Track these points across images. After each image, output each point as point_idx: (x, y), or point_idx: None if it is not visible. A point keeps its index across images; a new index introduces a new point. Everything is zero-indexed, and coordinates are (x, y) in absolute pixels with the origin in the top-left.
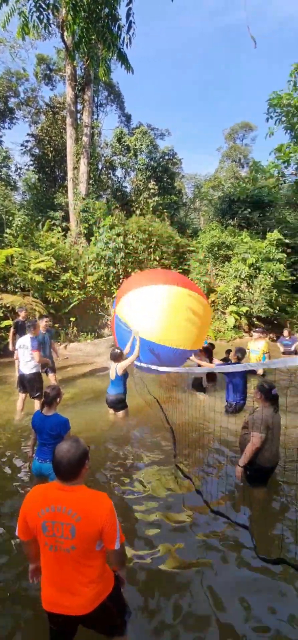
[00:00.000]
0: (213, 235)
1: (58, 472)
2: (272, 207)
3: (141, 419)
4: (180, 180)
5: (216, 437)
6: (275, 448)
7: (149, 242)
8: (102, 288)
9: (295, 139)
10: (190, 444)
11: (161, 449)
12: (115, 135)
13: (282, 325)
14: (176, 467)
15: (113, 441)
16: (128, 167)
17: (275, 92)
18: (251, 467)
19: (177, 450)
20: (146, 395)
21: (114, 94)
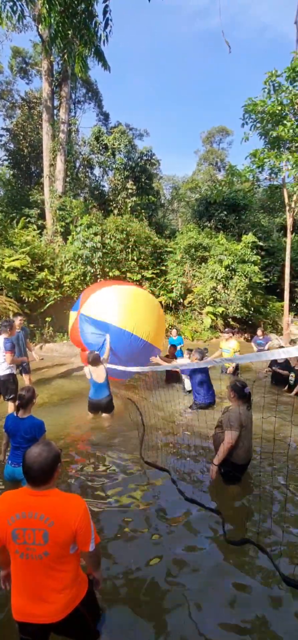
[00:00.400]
0: (190, 236)
1: (29, 477)
2: (247, 211)
3: (117, 420)
4: (158, 181)
5: (190, 434)
6: (248, 445)
7: (127, 242)
8: (79, 288)
9: (269, 145)
10: (165, 442)
11: (138, 448)
12: (93, 133)
13: (257, 326)
14: (146, 463)
15: (89, 443)
16: (106, 166)
17: (250, 99)
18: (226, 465)
19: (145, 446)
20: (121, 396)
21: (92, 92)
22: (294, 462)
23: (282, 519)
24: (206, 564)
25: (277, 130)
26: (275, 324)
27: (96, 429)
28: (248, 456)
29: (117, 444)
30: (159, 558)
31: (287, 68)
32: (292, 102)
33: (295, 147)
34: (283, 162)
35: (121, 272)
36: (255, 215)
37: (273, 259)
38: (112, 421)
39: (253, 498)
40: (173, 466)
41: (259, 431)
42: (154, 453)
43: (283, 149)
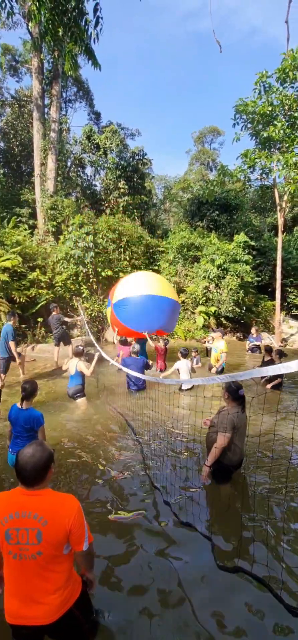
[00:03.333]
0: (182, 236)
1: (22, 477)
2: (238, 210)
3: (110, 424)
4: (150, 180)
5: (184, 437)
6: (240, 447)
7: (120, 242)
8: (72, 288)
9: (260, 145)
10: (158, 445)
11: (130, 454)
12: (84, 132)
13: (249, 325)
14: (146, 474)
15: (81, 445)
16: (98, 165)
17: (241, 99)
18: (217, 465)
19: (144, 456)
20: (116, 402)
21: (84, 91)
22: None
23: (279, 539)
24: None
25: (268, 130)
26: (267, 323)
27: (91, 430)
28: (240, 458)
29: (112, 446)
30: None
31: (277, 69)
32: (282, 103)
33: (285, 147)
34: (273, 162)
35: (113, 271)
36: (247, 215)
37: (264, 258)
38: (105, 426)
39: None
40: (168, 468)
41: (253, 432)
42: (152, 462)
43: (273, 150)
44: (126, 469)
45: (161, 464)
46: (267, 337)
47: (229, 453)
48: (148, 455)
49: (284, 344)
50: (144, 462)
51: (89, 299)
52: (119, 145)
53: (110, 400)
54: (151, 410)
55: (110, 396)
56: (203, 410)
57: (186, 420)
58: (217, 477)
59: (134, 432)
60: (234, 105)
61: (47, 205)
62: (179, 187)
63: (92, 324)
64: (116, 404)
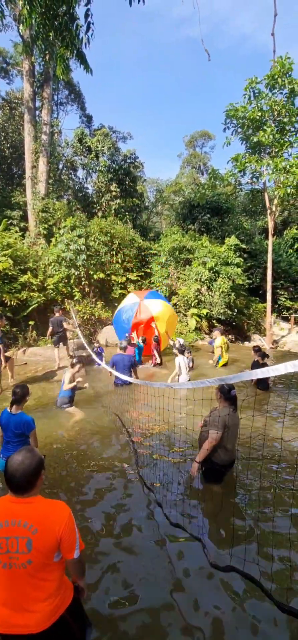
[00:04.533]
0: (174, 239)
1: (12, 485)
2: (229, 214)
3: (101, 429)
4: (142, 184)
5: (176, 436)
6: (232, 447)
7: (112, 245)
8: (63, 290)
9: (250, 149)
10: (150, 447)
11: (121, 458)
12: (76, 135)
13: (241, 327)
14: (139, 476)
15: (72, 451)
16: (90, 168)
17: (232, 104)
18: (208, 464)
19: (138, 458)
20: (109, 403)
21: (75, 94)
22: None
23: (268, 537)
24: (193, 585)
25: (258, 135)
26: (258, 325)
27: (83, 435)
28: (230, 457)
29: (105, 452)
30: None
31: (266, 75)
32: (271, 108)
33: (275, 152)
34: (263, 166)
35: (105, 274)
36: (238, 218)
37: (255, 261)
38: (96, 429)
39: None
40: (159, 470)
41: (246, 433)
42: (143, 465)
43: (263, 154)
44: (119, 472)
45: (154, 466)
46: (258, 339)
47: (220, 452)
48: (142, 457)
49: (275, 345)
50: (137, 463)
51: (81, 301)
52: (111, 148)
53: (104, 403)
54: (144, 411)
55: (103, 398)
56: (194, 413)
57: (181, 421)
58: (208, 476)
59: (129, 434)
60: (225, 110)
61: (38, 208)
62: (171, 190)
63: (84, 327)
64: (109, 405)
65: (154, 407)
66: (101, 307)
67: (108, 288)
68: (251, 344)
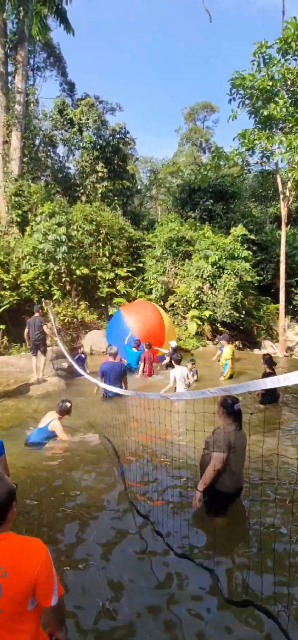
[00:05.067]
0: (171, 228)
1: None
2: (236, 199)
3: (86, 452)
4: (133, 163)
5: (174, 461)
6: (238, 471)
7: (98, 235)
8: (40, 289)
9: (260, 124)
10: (143, 466)
11: (109, 484)
12: (56, 105)
13: (249, 332)
14: (130, 503)
15: (51, 479)
16: (72, 144)
17: (238, 72)
18: (210, 491)
19: (128, 480)
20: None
21: (55, 57)
22: None
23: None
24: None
25: (268, 108)
26: (270, 329)
27: (64, 460)
28: (237, 485)
29: (90, 479)
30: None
31: (278, 39)
32: (284, 77)
33: (288, 127)
34: (275, 144)
35: (90, 269)
36: (246, 204)
37: (266, 254)
38: (85, 450)
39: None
40: (156, 496)
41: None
42: (134, 484)
43: (275, 130)
44: (106, 502)
45: (148, 491)
46: (269, 346)
47: (225, 477)
48: (133, 482)
49: (290, 353)
50: (126, 488)
51: (62, 301)
52: (96, 121)
53: (89, 419)
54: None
55: (88, 414)
56: (195, 428)
57: (180, 438)
58: (210, 507)
59: (118, 457)
60: (230, 79)
61: (10, 191)
62: (167, 171)
63: (65, 331)
64: (95, 423)
65: (148, 421)
66: (84, 309)
67: (93, 286)
68: (262, 352)
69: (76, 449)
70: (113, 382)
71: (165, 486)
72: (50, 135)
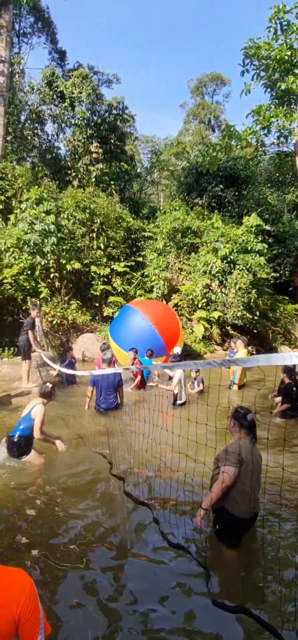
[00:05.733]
0: (175, 217)
1: None
2: (249, 184)
3: (75, 471)
4: (133, 143)
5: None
6: (252, 492)
7: (91, 225)
8: (25, 285)
9: (277, 100)
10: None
11: (98, 491)
12: (44, 77)
13: (264, 336)
14: (125, 494)
15: (37, 497)
16: (62, 121)
17: (252, 40)
18: (222, 518)
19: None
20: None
21: (44, 22)
22: None
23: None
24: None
25: (287, 81)
26: (287, 333)
27: (51, 481)
28: (252, 509)
29: (81, 501)
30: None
31: (297, 3)
32: None
33: None
34: (294, 122)
35: (82, 264)
36: (260, 190)
37: (283, 247)
38: (60, 460)
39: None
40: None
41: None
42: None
43: (294, 106)
44: (104, 530)
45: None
46: (287, 353)
47: (238, 499)
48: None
49: None
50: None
51: (50, 300)
52: (91, 95)
53: (79, 433)
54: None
55: (77, 427)
56: (197, 439)
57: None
58: (221, 533)
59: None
60: (243, 48)
61: None
62: (171, 152)
63: (53, 334)
64: (86, 438)
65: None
66: (76, 309)
67: (86, 283)
68: None
69: (64, 466)
70: (105, 393)
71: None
72: (37, 110)
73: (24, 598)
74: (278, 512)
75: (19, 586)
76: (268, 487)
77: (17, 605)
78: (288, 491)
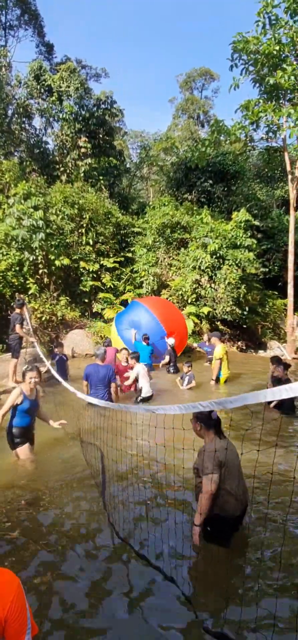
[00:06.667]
0: (164, 212)
1: None
2: (238, 180)
3: (57, 460)
4: (121, 138)
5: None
6: (237, 488)
7: (80, 220)
8: (14, 282)
9: (266, 94)
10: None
11: (86, 499)
12: (31, 70)
13: (253, 331)
14: (110, 525)
15: (20, 495)
16: (50, 115)
17: (241, 34)
18: (215, 521)
19: (107, 499)
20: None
21: (30, 14)
22: None
23: None
24: None
25: (275, 76)
26: (277, 328)
27: (41, 479)
28: (240, 506)
29: (70, 502)
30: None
31: None
32: (292, 41)
33: (297, 98)
34: (283, 117)
35: (71, 260)
36: (249, 185)
37: (272, 243)
38: (48, 465)
39: None
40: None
41: None
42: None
43: (283, 101)
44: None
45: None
46: (276, 347)
47: (225, 500)
48: (112, 503)
49: None
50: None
51: (39, 296)
52: (79, 89)
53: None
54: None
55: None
56: (174, 440)
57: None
58: (213, 536)
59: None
60: (231, 42)
61: None
62: (160, 148)
63: (42, 331)
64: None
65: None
66: (65, 305)
67: (75, 279)
68: (268, 354)
69: (54, 466)
70: (94, 387)
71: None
72: (25, 104)
73: (11, 599)
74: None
75: (6, 587)
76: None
77: (3, 605)
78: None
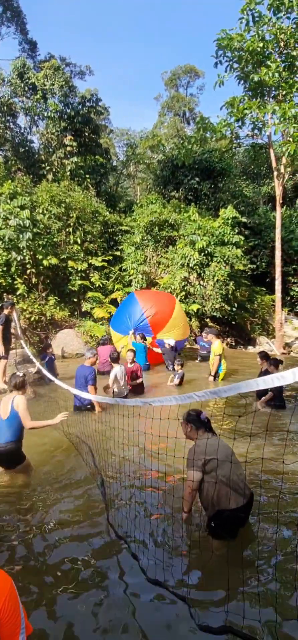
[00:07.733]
0: (152, 210)
1: None
2: (225, 177)
3: (54, 463)
4: (107, 136)
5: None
6: (234, 484)
7: (67, 219)
8: (1, 282)
9: (250, 91)
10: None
11: (83, 501)
12: (15, 68)
13: (242, 327)
14: (108, 524)
15: (12, 500)
16: (35, 113)
17: (225, 31)
18: (217, 517)
19: (108, 501)
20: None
21: (12, 11)
22: None
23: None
24: None
25: (259, 73)
26: (265, 324)
27: (32, 476)
28: (240, 495)
29: (64, 498)
30: None
31: None
32: (276, 37)
33: (282, 95)
34: (268, 114)
35: (59, 259)
36: (236, 182)
37: (260, 239)
38: (46, 466)
39: None
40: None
41: None
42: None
43: (267, 98)
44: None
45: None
46: (265, 343)
47: (222, 496)
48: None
49: (287, 350)
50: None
51: (27, 297)
52: (63, 87)
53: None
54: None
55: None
56: (168, 435)
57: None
58: (217, 530)
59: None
60: (216, 39)
61: None
62: (147, 145)
63: (31, 331)
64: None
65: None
66: (54, 304)
67: (64, 278)
68: (257, 350)
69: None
70: (77, 387)
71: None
72: (9, 102)
73: (3, 599)
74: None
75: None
76: None
77: None
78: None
